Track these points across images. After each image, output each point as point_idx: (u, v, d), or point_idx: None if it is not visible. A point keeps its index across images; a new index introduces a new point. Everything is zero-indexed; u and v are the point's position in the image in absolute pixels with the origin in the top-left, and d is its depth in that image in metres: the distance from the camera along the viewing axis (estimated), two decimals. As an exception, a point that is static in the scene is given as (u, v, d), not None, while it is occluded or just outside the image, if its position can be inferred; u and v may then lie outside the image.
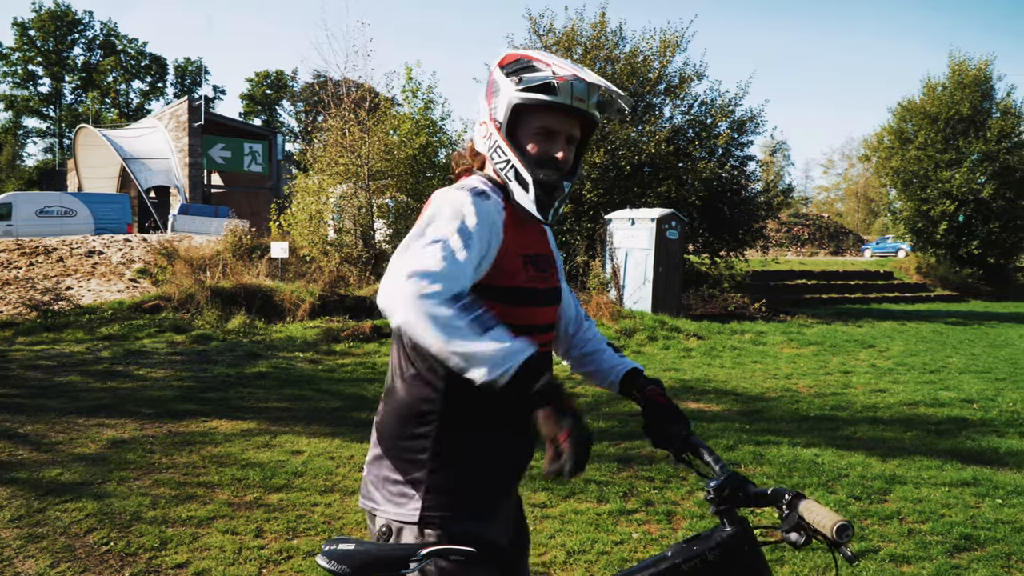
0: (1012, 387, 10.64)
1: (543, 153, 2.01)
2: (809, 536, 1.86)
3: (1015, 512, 5.60)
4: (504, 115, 2.02)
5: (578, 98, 1.97)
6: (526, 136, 2.02)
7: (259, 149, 42.93)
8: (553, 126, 2.01)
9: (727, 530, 2.00)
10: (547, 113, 2.00)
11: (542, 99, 1.96)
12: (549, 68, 1.97)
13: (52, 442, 6.88)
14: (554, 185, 2.00)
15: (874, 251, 49.20)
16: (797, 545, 1.88)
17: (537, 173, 1.99)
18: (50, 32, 75.18)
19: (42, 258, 18.03)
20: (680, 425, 2.21)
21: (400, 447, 2.02)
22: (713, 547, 1.98)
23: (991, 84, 29.77)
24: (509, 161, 2.01)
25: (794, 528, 1.88)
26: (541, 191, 2.00)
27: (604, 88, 2.00)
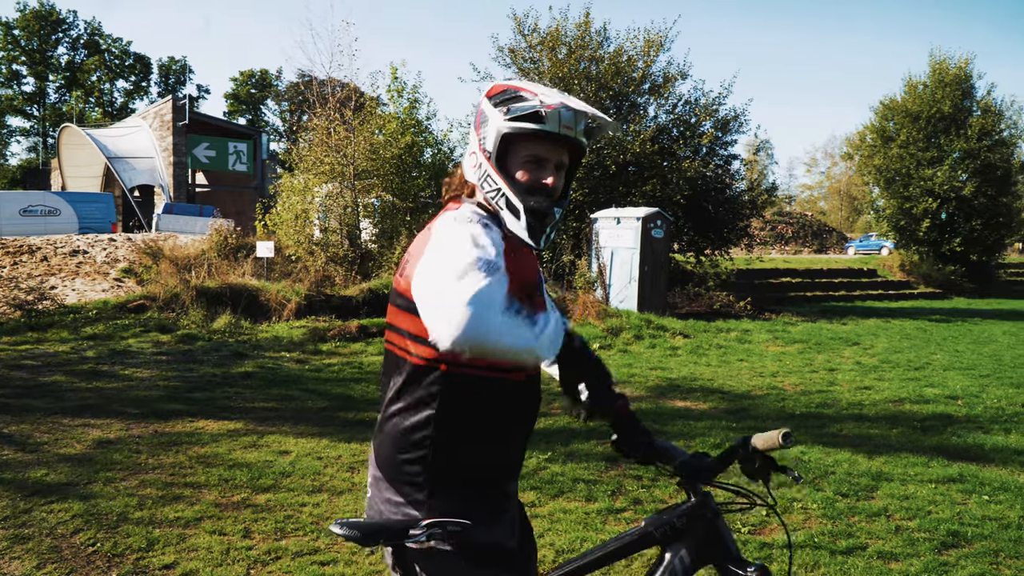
0: (996, 383, 10.71)
1: (533, 181, 2.05)
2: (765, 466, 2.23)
3: (1001, 508, 5.64)
4: (493, 145, 2.05)
5: (566, 126, 2.01)
6: (516, 165, 2.06)
7: (244, 148, 42.79)
8: (542, 154, 2.05)
9: (692, 500, 2.27)
10: (535, 142, 2.03)
11: (530, 128, 2.00)
12: (536, 97, 2.01)
13: (37, 442, 6.83)
14: (545, 212, 2.04)
15: (857, 249, 49.49)
16: (754, 476, 2.24)
17: (528, 200, 2.03)
18: (34, 31, 74.73)
19: (26, 257, 17.92)
20: (645, 434, 2.36)
21: (398, 471, 2.09)
22: (680, 515, 2.26)
23: (971, 82, 29.92)
24: (500, 190, 2.05)
25: (750, 461, 2.23)
26: (532, 218, 2.03)
27: (591, 115, 2.05)
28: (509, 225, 2.05)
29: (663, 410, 8.69)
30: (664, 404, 9.05)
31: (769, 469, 2.20)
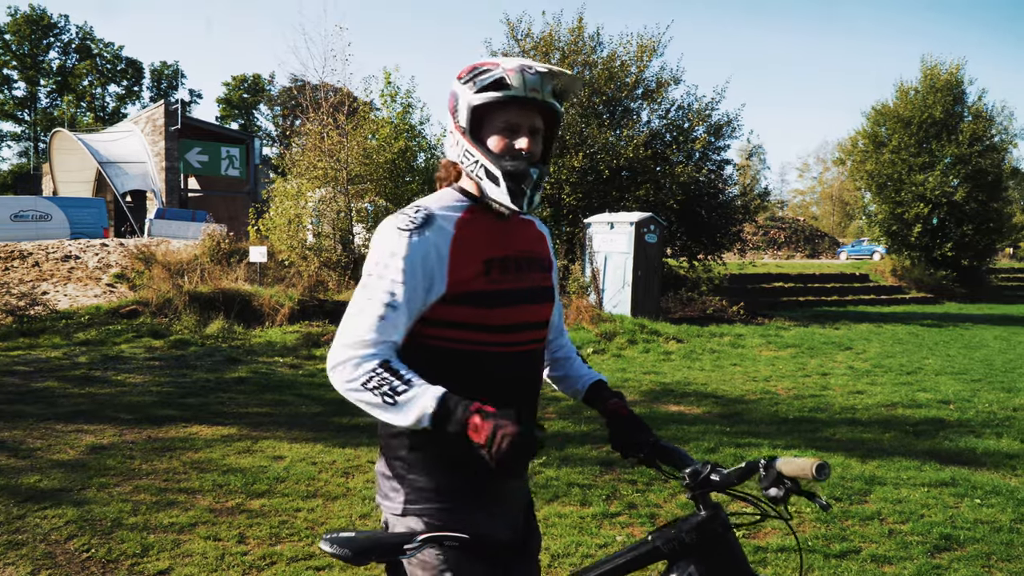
0: (988, 388, 10.75)
1: (508, 147, 2.07)
2: (788, 490, 2.01)
3: (993, 512, 5.66)
4: (466, 119, 2.10)
5: (531, 88, 2.03)
6: (490, 135, 2.09)
7: (236, 153, 42.77)
8: (513, 120, 2.07)
9: (702, 514, 2.13)
10: (505, 109, 2.06)
11: (497, 96, 2.04)
12: (499, 66, 2.05)
13: (30, 448, 6.81)
14: (522, 173, 2.06)
15: (850, 254, 49.57)
16: (776, 500, 2.03)
17: (504, 165, 2.06)
18: (25, 36, 74.56)
19: (17, 263, 17.87)
20: (645, 433, 2.31)
21: (388, 445, 2.15)
22: (689, 530, 2.11)
23: (962, 88, 30.09)
24: (478, 161, 2.09)
25: (773, 484, 2.03)
26: (511, 181, 2.06)
27: (555, 73, 2.05)
28: (491, 194, 2.09)
29: (657, 415, 8.70)
30: (658, 409, 9.07)
31: (791, 493, 2.06)
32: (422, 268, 1.99)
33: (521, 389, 2.19)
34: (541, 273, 2.27)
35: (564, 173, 18.68)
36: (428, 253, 2.00)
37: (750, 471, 2.10)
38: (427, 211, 2.06)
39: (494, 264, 2.10)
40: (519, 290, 2.15)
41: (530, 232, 2.31)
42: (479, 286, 2.06)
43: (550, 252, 2.39)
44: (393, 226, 2.03)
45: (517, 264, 2.18)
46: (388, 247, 2.01)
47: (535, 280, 2.23)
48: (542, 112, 2.11)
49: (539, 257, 2.29)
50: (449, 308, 2.04)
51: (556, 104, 2.11)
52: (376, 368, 1.90)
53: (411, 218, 2.04)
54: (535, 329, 2.22)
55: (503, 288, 2.10)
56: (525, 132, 2.08)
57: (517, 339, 2.14)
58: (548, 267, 2.33)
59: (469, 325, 2.05)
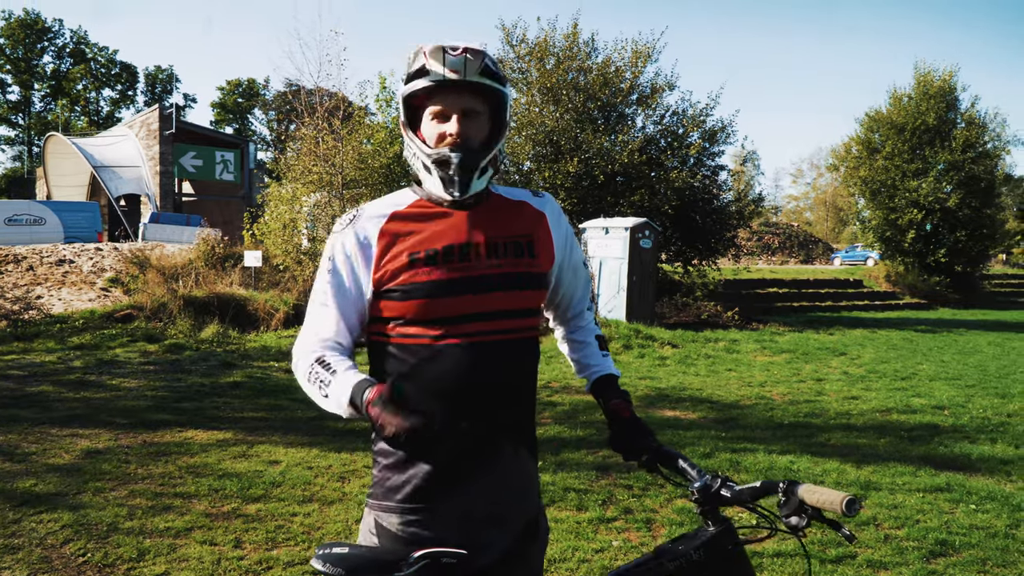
0: (982, 393, 10.78)
1: (440, 135, 2.03)
2: (810, 518, 1.88)
3: (988, 517, 5.68)
4: (403, 112, 2.10)
5: (452, 70, 1.95)
6: (425, 125, 2.06)
7: (231, 157, 42.68)
8: (441, 105, 2.02)
9: (711, 530, 2.05)
10: (434, 97, 2.02)
11: (420, 84, 2.00)
12: (421, 51, 1.99)
13: (25, 452, 6.80)
14: (445, 158, 2.00)
15: (844, 259, 49.73)
16: (797, 529, 1.89)
17: (429, 152, 2.02)
18: (19, 40, 74.48)
19: (11, 267, 17.82)
20: (647, 438, 2.21)
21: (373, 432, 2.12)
22: (698, 547, 2.02)
23: (955, 95, 30.19)
24: (415, 153, 2.07)
25: (795, 512, 1.89)
26: (438, 168, 2.02)
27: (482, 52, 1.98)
28: (426, 185, 2.08)
29: (652, 420, 8.71)
30: (653, 414, 9.07)
31: (812, 520, 1.89)
32: (346, 265, 2.04)
33: (484, 384, 2.03)
34: (515, 258, 2.10)
35: (559, 178, 18.71)
36: (351, 251, 2.04)
37: (766, 491, 1.96)
38: (358, 211, 2.10)
39: (419, 256, 2.01)
40: (459, 279, 2.01)
41: (516, 215, 2.18)
42: (401, 279, 2.00)
43: (549, 231, 2.22)
44: (332, 234, 2.12)
45: (467, 253, 2.05)
46: (326, 248, 2.10)
47: (500, 266, 2.07)
48: (477, 93, 2.02)
49: (520, 240, 2.13)
50: (380, 303, 2.04)
51: (488, 82, 2.00)
52: (312, 363, 2.00)
53: (341, 220, 2.11)
54: (491, 319, 2.04)
55: (428, 280, 1.99)
56: (456, 118, 2.01)
57: (462, 331, 2.01)
58: (536, 250, 2.15)
59: (399, 319, 2.02)
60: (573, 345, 2.46)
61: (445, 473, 2.03)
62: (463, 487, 2.03)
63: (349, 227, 2.07)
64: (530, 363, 2.18)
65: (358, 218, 2.08)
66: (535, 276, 2.15)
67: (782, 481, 1.93)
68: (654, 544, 4.98)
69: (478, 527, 2.03)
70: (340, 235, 2.07)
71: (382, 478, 2.07)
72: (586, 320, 2.48)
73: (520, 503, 2.15)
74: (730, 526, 2.05)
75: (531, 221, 2.20)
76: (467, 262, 2.04)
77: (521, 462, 2.14)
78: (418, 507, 2.02)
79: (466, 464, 2.04)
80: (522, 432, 2.15)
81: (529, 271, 2.13)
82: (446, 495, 2.02)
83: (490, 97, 2.05)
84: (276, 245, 17.88)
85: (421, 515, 2.01)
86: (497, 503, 2.07)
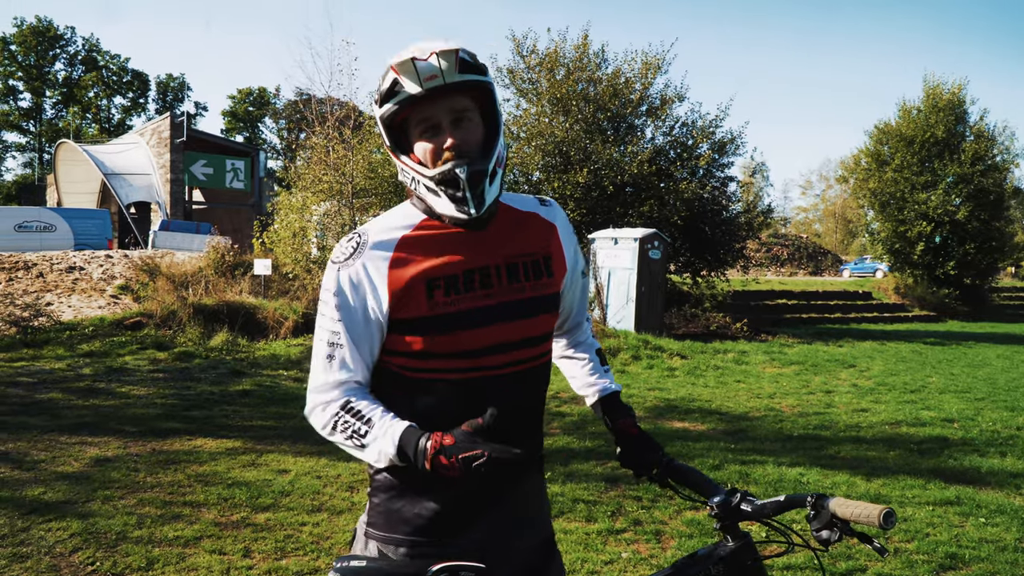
0: (991, 407, 10.74)
1: (436, 150, 1.86)
2: (841, 532, 1.84)
3: (998, 531, 5.66)
4: (386, 137, 1.93)
5: (428, 77, 1.79)
6: (415, 142, 1.90)
7: (241, 166, 42.88)
8: (427, 117, 1.86)
9: (730, 545, 2.01)
10: (415, 109, 1.85)
11: (395, 104, 1.84)
12: (390, 69, 1.83)
13: (34, 460, 6.82)
14: (450, 176, 1.83)
15: (852, 271, 49.68)
16: (828, 543, 1.85)
17: (432, 174, 1.85)
18: (31, 47, 74.98)
19: (21, 273, 17.89)
20: (656, 452, 2.18)
21: None
22: (717, 562, 1.98)
23: (965, 108, 30.15)
24: (413, 177, 1.90)
25: (825, 526, 1.85)
26: (446, 188, 1.85)
27: (453, 50, 1.81)
28: (437, 208, 1.89)
29: (661, 431, 8.69)
30: (662, 425, 9.06)
31: (843, 534, 1.85)
32: (356, 299, 1.87)
33: (510, 416, 1.95)
34: (535, 280, 2.00)
35: (568, 188, 18.72)
36: (360, 283, 1.87)
37: (791, 505, 1.92)
38: (361, 237, 1.91)
39: (439, 284, 1.88)
40: (485, 308, 1.91)
41: (529, 229, 2.06)
42: (421, 311, 1.86)
43: (560, 244, 2.11)
44: (331, 260, 1.92)
45: (488, 277, 1.94)
46: (325, 283, 1.92)
47: (523, 290, 1.97)
48: (461, 92, 1.86)
49: (538, 259, 2.03)
50: (395, 336, 1.90)
51: (470, 78, 1.84)
52: (338, 412, 1.86)
53: (343, 248, 1.91)
54: (516, 349, 1.96)
55: (454, 311, 1.88)
56: (446, 126, 1.86)
57: (489, 363, 1.92)
58: (552, 268, 2.05)
59: (420, 353, 1.89)
60: (574, 362, 2.38)
61: (463, 506, 1.95)
62: (481, 520, 1.97)
63: (355, 257, 1.89)
64: (546, 386, 2.11)
65: (363, 247, 1.90)
66: (555, 297, 2.07)
67: (810, 495, 1.89)
68: (663, 556, 4.99)
69: (497, 554, 1.96)
70: (344, 267, 1.88)
71: (387, 510, 1.96)
72: (585, 334, 2.41)
73: (538, 525, 2.11)
74: (750, 541, 2.02)
75: (544, 235, 2.08)
76: (489, 288, 1.93)
77: (537, 484, 2.11)
78: (430, 540, 1.93)
79: (487, 496, 1.97)
80: (536, 454, 2.09)
81: (549, 292, 2.04)
82: (463, 527, 1.95)
83: (476, 92, 1.90)
84: (286, 253, 17.93)
85: (434, 548, 1.92)
86: (518, 528, 2.03)
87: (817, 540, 1.87)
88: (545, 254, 2.05)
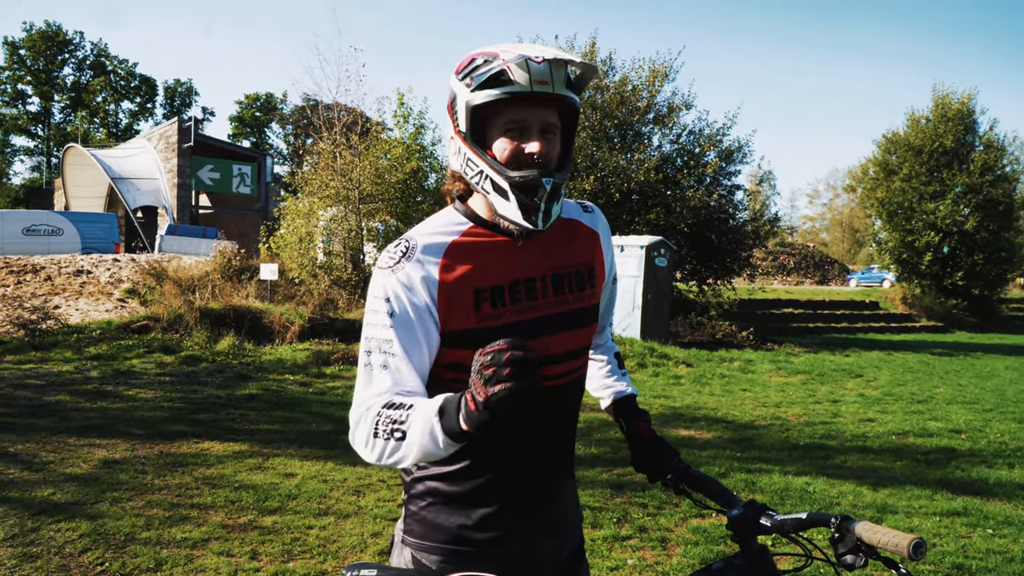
0: (999, 418, 10.71)
1: (516, 152, 1.79)
2: (867, 558, 1.77)
3: (1005, 542, 5.64)
4: (466, 122, 1.82)
5: (538, 80, 1.73)
6: (495, 138, 1.81)
7: (248, 171, 42.97)
8: (520, 119, 1.78)
9: (747, 559, 1.97)
10: (510, 107, 1.77)
11: (498, 93, 1.74)
12: (498, 58, 1.75)
13: (43, 462, 6.84)
14: (534, 184, 1.76)
15: (860, 281, 49.48)
16: (853, 567, 1.78)
17: (512, 176, 1.77)
18: (40, 51, 75.18)
19: (29, 276, 17.96)
20: (672, 458, 2.17)
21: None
22: (732, 574, 1.95)
23: (974, 118, 30.10)
24: (482, 172, 1.81)
25: (851, 551, 1.78)
26: (521, 193, 1.77)
27: (565, 60, 1.75)
28: (500, 210, 1.82)
29: (667, 439, 8.64)
30: (668, 433, 9.06)
31: (868, 558, 1.78)
32: (409, 304, 1.77)
33: (552, 430, 1.95)
34: (579, 292, 1.97)
35: (575, 196, 18.74)
36: (413, 286, 1.78)
37: (813, 523, 1.86)
38: (410, 243, 1.83)
39: (485, 296, 1.82)
40: (529, 322, 1.86)
41: (573, 238, 2.02)
42: (468, 324, 1.81)
43: (602, 253, 2.09)
44: (377, 267, 1.84)
45: (534, 289, 1.89)
46: (373, 291, 1.81)
47: (567, 303, 1.94)
48: (556, 106, 1.80)
49: (581, 270, 1.99)
50: (443, 349, 1.82)
51: (571, 96, 1.79)
52: (379, 411, 1.69)
53: (391, 254, 1.83)
54: (558, 363, 1.92)
55: (500, 324, 1.82)
56: (536, 133, 1.79)
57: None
58: (594, 279, 2.03)
59: (466, 367, 1.66)
60: (592, 364, 2.34)
61: (502, 515, 1.92)
62: (519, 529, 1.94)
63: (405, 262, 1.80)
64: (582, 395, 2.08)
65: (413, 251, 1.82)
66: (595, 308, 2.05)
67: (834, 516, 1.83)
68: (669, 563, 4.98)
69: (533, 562, 1.96)
70: (394, 272, 1.79)
71: (423, 518, 1.93)
72: (605, 337, 2.40)
73: (572, 531, 2.10)
74: (767, 556, 1.98)
75: (587, 244, 2.05)
76: (535, 300, 1.88)
77: (571, 491, 2.10)
78: (467, 550, 1.90)
79: (527, 510, 1.95)
80: (571, 465, 2.09)
81: (591, 304, 2.02)
82: (501, 536, 1.92)
83: (566, 109, 1.84)
84: (292, 258, 17.97)
85: (471, 556, 1.89)
86: (554, 536, 2.01)
87: (840, 564, 1.81)
88: (588, 265, 2.02)
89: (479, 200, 1.89)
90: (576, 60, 1.74)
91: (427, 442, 1.58)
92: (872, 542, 1.74)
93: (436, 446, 1.58)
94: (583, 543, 2.16)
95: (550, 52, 1.73)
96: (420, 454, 1.62)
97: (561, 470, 2.02)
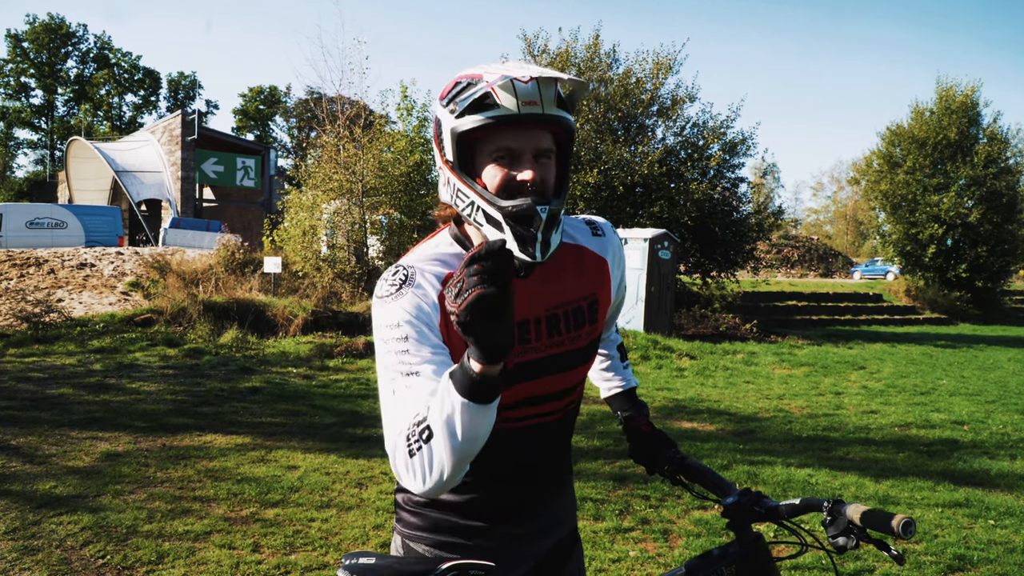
0: (1002, 409, 10.70)
1: (508, 180, 1.66)
2: (859, 539, 1.80)
3: (1007, 533, 5.64)
4: (452, 151, 1.70)
5: (526, 102, 1.61)
6: (484, 165, 1.69)
7: (252, 164, 42.97)
8: (510, 144, 1.65)
9: (743, 546, 1.99)
10: (499, 133, 1.65)
11: (483, 118, 1.63)
12: (482, 80, 1.63)
13: (45, 455, 6.86)
14: (529, 213, 1.62)
15: (863, 273, 49.46)
16: (846, 548, 1.82)
17: (505, 206, 1.63)
18: (44, 44, 75.19)
19: (33, 270, 17.99)
20: (670, 449, 2.18)
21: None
22: (730, 563, 1.96)
23: (978, 110, 30.01)
24: (473, 203, 1.68)
25: (843, 532, 1.81)
26: (516, 224, 1.63)
27: (554, 79, 1.63)
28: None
29: (670, 431, 8.69)
30: (671, 425, 9.06)
31: (859, 540, 1.81)
32: (420, 322, 1.66)
33: (534, 461, 1.91)
34: (576, 331, 1.86)
35: (578, 189, 18.73)
36: (420, 307, 1.67)
37: (806, 509, 1.89)
38: (408, 270, 1.72)
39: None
40: (519, 367, 1.77)
41: (580, 268, 1.90)
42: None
43: (610, 280, 1.96)
44: (376, 298, 1.72)
45: (527, 332, 1.80)
46: (379, 320, 1.69)
47: (561, 344, 1.84)
48: (548, 128, 1.69)
49: (581, 305, 1.88)
50: None
51: (564, 116, 1.67)
52: (410, 428, 1.53)
53: (391, 282, 1.71)
54: (551, 401, 1.86)
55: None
56: (528, 159, 1.66)
57: (514, 416, 1.81)
58: (596, 312, 1.92)
59: None
60: (596, 356, 2.21)
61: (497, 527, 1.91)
62: (513, 535, 1.93)
63: (406, 288, 1.69)
64: (576, 416, 2.02)
65: (412, 277, 1.71)
66: (594, 344, 1.94)
67: (826, 500, 1.86)
68: (671, 555, 4.99)
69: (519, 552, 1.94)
70: (397, 299, 1.68)
71: (413, 511, 1.91)
72: (613, 332, 2.38)
73: (564, 523, 2.06)
74: (762, 543, 1.98)
75: (594, 274, 1.93)
76: (527, 343, 1.79)
77: (567, 499, 2.07)
78: (455, 540, 1.89)
79: (520, 522, 1.93)
80: (567, 476, 2.06)
81: (588, 342, 1.90)
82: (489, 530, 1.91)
83: (559, 130, 1.71)
84: (296, 251, 17.97)
85: (458, 546, 1.88)
86: (545, 530, 1.99)
87: (833, 546, 1.84)
88: (592, 297, 1.91)
89: (471, 231, 1.79)
90: (565, 77, 1.64)
91: (452, 416, 1.44)
92: (859, 521, 1.79)
93: (466, 416, 1.43)
94: (576, 530, 2.13)
95: (536, 70, 1.61)
96: (450, 441, 1.45)
97: (555, 485, 2.00)
